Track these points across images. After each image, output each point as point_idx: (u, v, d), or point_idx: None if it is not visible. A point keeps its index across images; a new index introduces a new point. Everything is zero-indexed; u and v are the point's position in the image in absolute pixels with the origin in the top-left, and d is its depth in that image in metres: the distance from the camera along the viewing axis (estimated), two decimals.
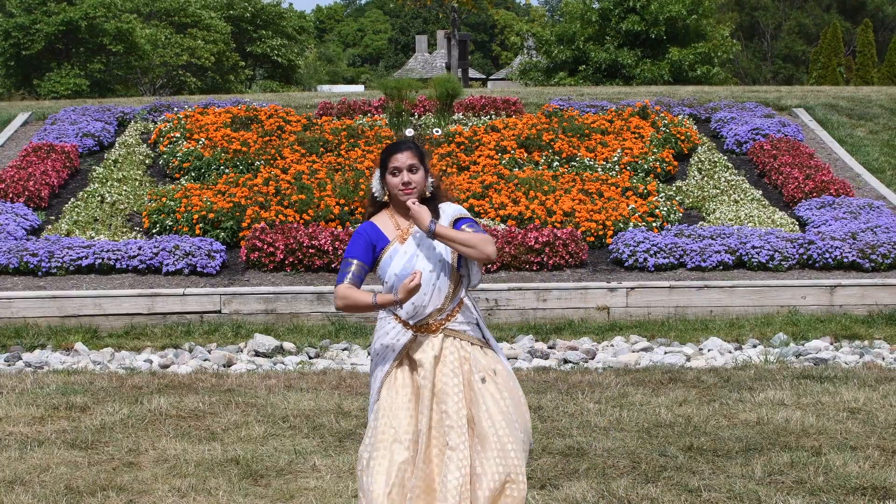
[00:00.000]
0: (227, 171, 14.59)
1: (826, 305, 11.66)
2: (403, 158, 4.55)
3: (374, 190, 4.67)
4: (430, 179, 4.64)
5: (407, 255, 4.55)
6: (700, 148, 16.15)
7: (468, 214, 4.67)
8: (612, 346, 10.59)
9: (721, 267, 12.14)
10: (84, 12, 34.58)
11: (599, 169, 14.72)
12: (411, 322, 4.56)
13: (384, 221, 4.64)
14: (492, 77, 64.24)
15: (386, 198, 4.64)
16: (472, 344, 4.60)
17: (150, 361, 10.10)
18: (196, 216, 12.91)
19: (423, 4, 40.23)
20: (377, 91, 19.87)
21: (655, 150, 15.31)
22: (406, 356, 4.59)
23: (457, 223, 4.59)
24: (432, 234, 4.47)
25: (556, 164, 15.01)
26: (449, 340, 4.57)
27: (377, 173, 4.64)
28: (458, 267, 4.61)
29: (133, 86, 38.91)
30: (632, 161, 14.98)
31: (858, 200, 13.80)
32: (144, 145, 16.26)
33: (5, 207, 13.41)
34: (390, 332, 4.59)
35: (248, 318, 11.41)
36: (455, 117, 16.88)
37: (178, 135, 15.76)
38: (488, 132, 15.71)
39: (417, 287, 4.39)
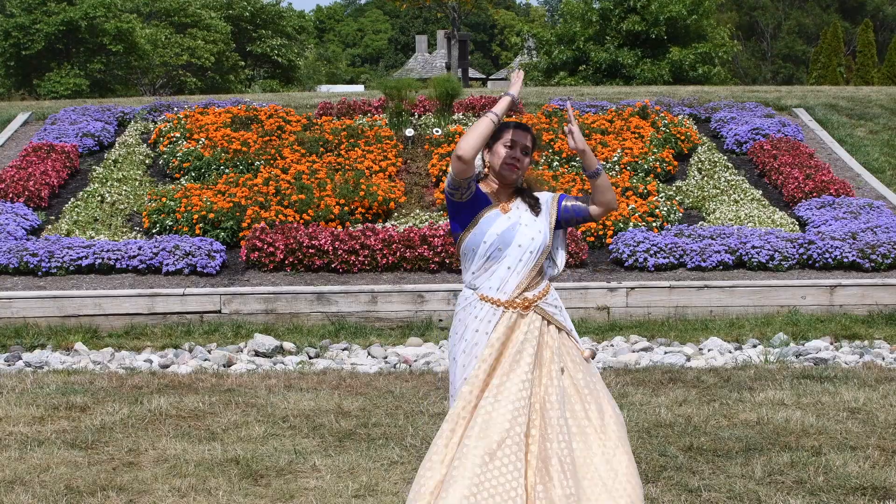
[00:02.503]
0: (227, 171, 14.59)
1: (826, 305, 11.66)
2: (522, 136, 4.65)
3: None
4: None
5: (510, 221, 4.62)
6: (700, 148, 16.14)
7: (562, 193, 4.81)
8: (612, 345, 10.59)
9: (721, 267, 12.14)
10: (84, 12, 34.59)
11: None
12: (502, 298, 4.59)
13: (486, 187, 4.71)
14: (492, 77, 64.24)
15: (485, 171, 4.70)
16: (559, 330, 4.67)
17: (150, 361, 10.10)
18: (196, 216, 12.91)
19: (421, 4, 40.18)
20: (377, 91, 19.87)
21: (655, 150, 15.31)
22: (495, 335, 4.57)
23: (559, 201, 4.72)
24: (597, 175, 4.57)
25: (556, 164, 15.01)
26: (540, 320, 4.63)
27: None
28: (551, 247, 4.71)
29: (133, 86, 38.92)
30: (632, 161, 14.97)
31: (858, 200, 13.79)
32: (144, 145, 16.26)
33: (5, 207, 13.41)
34: (479, 313, 4.59)
35: (248, 318, 11.41)
36: (455, 117, 16.88)
37: (178, 135, 15.76)
38: None
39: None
